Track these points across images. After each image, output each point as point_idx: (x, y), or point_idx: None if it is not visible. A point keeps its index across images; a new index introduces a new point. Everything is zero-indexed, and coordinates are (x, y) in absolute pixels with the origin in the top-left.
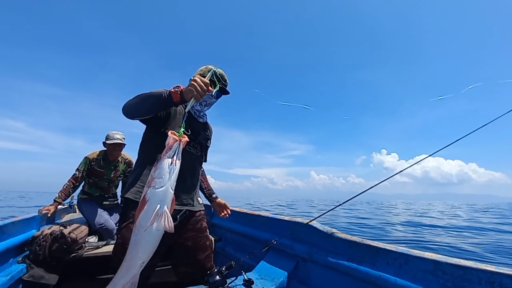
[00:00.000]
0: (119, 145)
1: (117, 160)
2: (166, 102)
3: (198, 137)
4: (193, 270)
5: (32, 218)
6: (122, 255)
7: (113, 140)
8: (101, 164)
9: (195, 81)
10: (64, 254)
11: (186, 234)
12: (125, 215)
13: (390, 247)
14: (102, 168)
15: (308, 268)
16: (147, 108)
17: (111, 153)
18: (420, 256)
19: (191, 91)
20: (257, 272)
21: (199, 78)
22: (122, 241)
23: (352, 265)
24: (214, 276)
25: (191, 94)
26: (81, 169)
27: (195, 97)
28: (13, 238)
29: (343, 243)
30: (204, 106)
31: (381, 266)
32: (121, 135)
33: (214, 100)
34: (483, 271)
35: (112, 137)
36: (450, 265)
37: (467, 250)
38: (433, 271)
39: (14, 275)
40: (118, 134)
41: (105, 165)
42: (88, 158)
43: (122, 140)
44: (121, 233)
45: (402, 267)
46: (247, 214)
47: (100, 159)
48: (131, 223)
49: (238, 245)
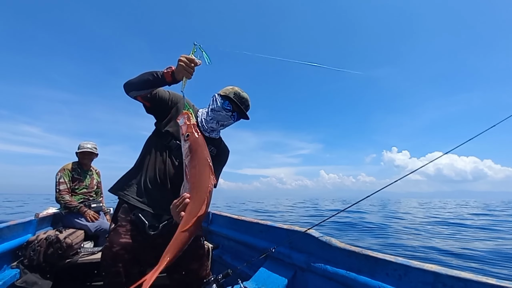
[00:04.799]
0: (88, 153)
1: (90, 169)
2: (159, 81)
3: None
4: (187, 279)
5: (28, 222)
6: (110, 260)
7: (83, 149)
8: (79, 172)
9: (181, 60)
10: (59, 259)
11: None
12: (114, 218)
13: (390, 258)
14: (80, 175)
15: (306, 278)
16: (141, 84)
17: (82, 162)
18: (420, 268)
19: (179, 70)
20: (254, 281)
21: (184, 56)
22: (109, 244)
23: (351, 275)
24: (211, 285)
25: (181, 74)
26: (65, 180)
27: (185, 76)
28: (8, 242)
29: (342, 252)
30: (219, 126)
31: (380, 277)
32: (92, 145)
33: (232, 121)
34: (484, 284)
35: (83, 147)
36: (450, 277)
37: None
38: (433, 283)
39: (7, 280)
40: (89, 144)
41: (82, 173)
42: (67, 169)
43: (93, 149)
44: (109, 236)
45: (401, 279)
46: (245, 222)
47: (76, 168)
48: (119, 226)
49: (236, 253)
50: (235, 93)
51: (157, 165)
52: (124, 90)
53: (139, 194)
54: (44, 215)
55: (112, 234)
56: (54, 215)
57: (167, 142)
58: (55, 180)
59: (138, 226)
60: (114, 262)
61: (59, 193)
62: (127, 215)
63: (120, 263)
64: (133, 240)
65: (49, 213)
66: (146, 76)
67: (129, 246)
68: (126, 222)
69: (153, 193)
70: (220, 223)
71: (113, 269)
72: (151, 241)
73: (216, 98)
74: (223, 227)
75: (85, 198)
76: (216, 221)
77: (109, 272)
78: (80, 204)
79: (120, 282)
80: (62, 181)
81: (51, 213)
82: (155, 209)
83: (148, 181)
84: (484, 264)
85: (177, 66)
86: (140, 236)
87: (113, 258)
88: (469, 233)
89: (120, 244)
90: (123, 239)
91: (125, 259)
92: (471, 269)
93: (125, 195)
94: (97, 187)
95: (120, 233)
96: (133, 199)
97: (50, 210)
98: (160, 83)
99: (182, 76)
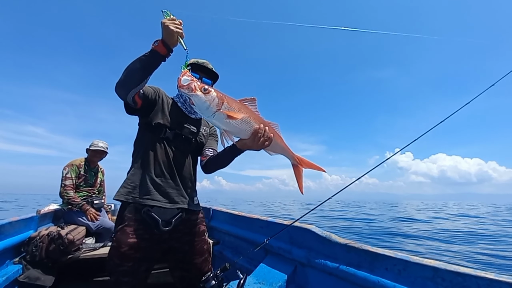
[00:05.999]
0: (100, 152)
1: (96, 167)
2: (153, 60)
3: (183, 131)
4: (190, 275)
5: (30, 218)
6: (118, 259)
7: (96, 147)
8: (86, 169)
9: (166, 22)
10: (61, 255)
11: (183, 239)
12: (120, 218)
13: (389, 253)
14: (86, 173)
15: (306, 272)
16: (136, 75)
17: (91, 159)
18: (419, 263)
19: (170, 33)
20: (255, 276)
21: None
22: (117, 244)
23: (351, 270)
24: (210, 281)
25: (175, 35)
26: (72, 176)
27: (179, 35)
28: (10, 238)
29: (341, 248)
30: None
31: (380, 271)
32: (104, 144)
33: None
34: (482, 278)
35: (96, 145)
36: (449, 272)
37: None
38: (432, 277)
39: (10, 276)
40: (102, 143)
41: (88, 171)
42: (75, 165)
43: (105, 148)
44: (116, 236)
45: (401, 273)
46: (245, 218)
47: (84, 165)
48: (127, 226)
49: (236, 248)
50: (192, 64)
51: (160, 158)
52: (119, 94)
53: (147, 192)
54: (46, 211)
55: (119, 234)
56: (56, 211)
57: (163, 134)
58: (62, 175)
59: (148, 224)
60: (122, 261)
61: (64, 188)
62: (134, 215)
63: (128, 263)
64: (141, 239)
65: (51, 209)
66: (135, 65)
67: (137, 245)
68: (134, 222)
69: (161, 187)
70: (221, 219)
71: (120, 268)
72: (158, 237)
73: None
74: (224, 223)
75: (88, 194)
76: (217, 217)
77: (116, 271)
78: (83, 201)
79: (127, 281)
80: (68, 176)
81: (52, 209)
82: (165, 203)
83: (154, 177)
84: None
85: (164, 30)
86: (147, 234)
87: (121, 258)
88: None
89: (128, 244)
90: (131, 239)
91: (133, 258)
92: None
93: (133, 198)
94: (100, 185)
95: (128, 233)
96: (142, 199)
97: (51, 207)
98: (154, 62)
99: (176, 37)
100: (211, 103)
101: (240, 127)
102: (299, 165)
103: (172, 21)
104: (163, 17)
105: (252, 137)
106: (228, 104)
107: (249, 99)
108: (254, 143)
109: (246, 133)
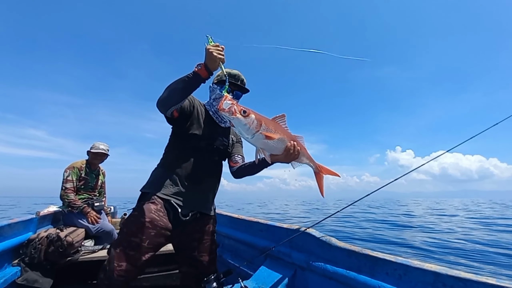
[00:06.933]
0: (101, 154)
1: (97, 169)
2: (194, 81)
3: (215, 142)
4: (196, 271)
5: (29, 220)
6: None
7: (97, 149)
8: (87, 171)
9: (210, 49)
10: (60, 257)
11: (193, 235)
12: (144, 196)
13: (390, 257)
14: (87, 175)
15: (306, 277)
16: (178, 95)
17: (92, 162)
18: (420, 268)
19: (213, 59)
20: (254, 280)
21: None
22: (139, 214)
23: (351, 274)
24: (211, 283)
25: (216, 60)
26: (73, 179)
27: (221, 60)
28: (9, 240)
29: (341, 252)
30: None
31: (380, 276)
32: (105, 146)
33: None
34: (484, 284)
35: (97, 147)
36: (450, 277)
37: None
38: (433, 283)
39: (8, 278)
40: (103, 145)
41: (89, 173)
42: (76, 167)
43: (106, 151)
44: (138, 208)
45: (401, 278)
46: (245, 221)
47: (85, 168)
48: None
49: (236, 252)
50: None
51: (190, 165)
52: (160, 110)
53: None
54: (45, 213)
55: (143, 206)
56: (55, 213)
57: (197, 144)
58: (63, 177)
59: (168, 211)
60: (138, 231)
61: (65, 191)
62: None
63: (143, 235)
64: (160, 219)
65: (50, 211)
66: (178, 85)
67: (156, 223)
68: (157, 203)
69: (188, 191)
70: (220, 222)
71: (133, 238)
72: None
73: (213, 87)
74: (224, 226)
75: (89, 197)
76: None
77: (126, 241)
78: (83, 204)
79: (132, 256)
80: (69, 179)
81: (52, 211)
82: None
83: (183, 181)
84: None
85: (208, 56)
86: (165, 218)
87: (139, 227)
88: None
89: (150, 217)
90: (153, 214)
91: (149, 233)
92: None
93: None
94: (101, 187)
95: (151, 208)
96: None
97: (51, 208)
98: (196, 84)
99: (218, 62)
100: (251, 125)
101: (276, 146)
102: (320, 172)
103: (216, 47)
104: (207, 40)
105: (285, 154)
106: (265, 125)
107: (280, 116)
108: (285, 158)
109: (280, 151)
